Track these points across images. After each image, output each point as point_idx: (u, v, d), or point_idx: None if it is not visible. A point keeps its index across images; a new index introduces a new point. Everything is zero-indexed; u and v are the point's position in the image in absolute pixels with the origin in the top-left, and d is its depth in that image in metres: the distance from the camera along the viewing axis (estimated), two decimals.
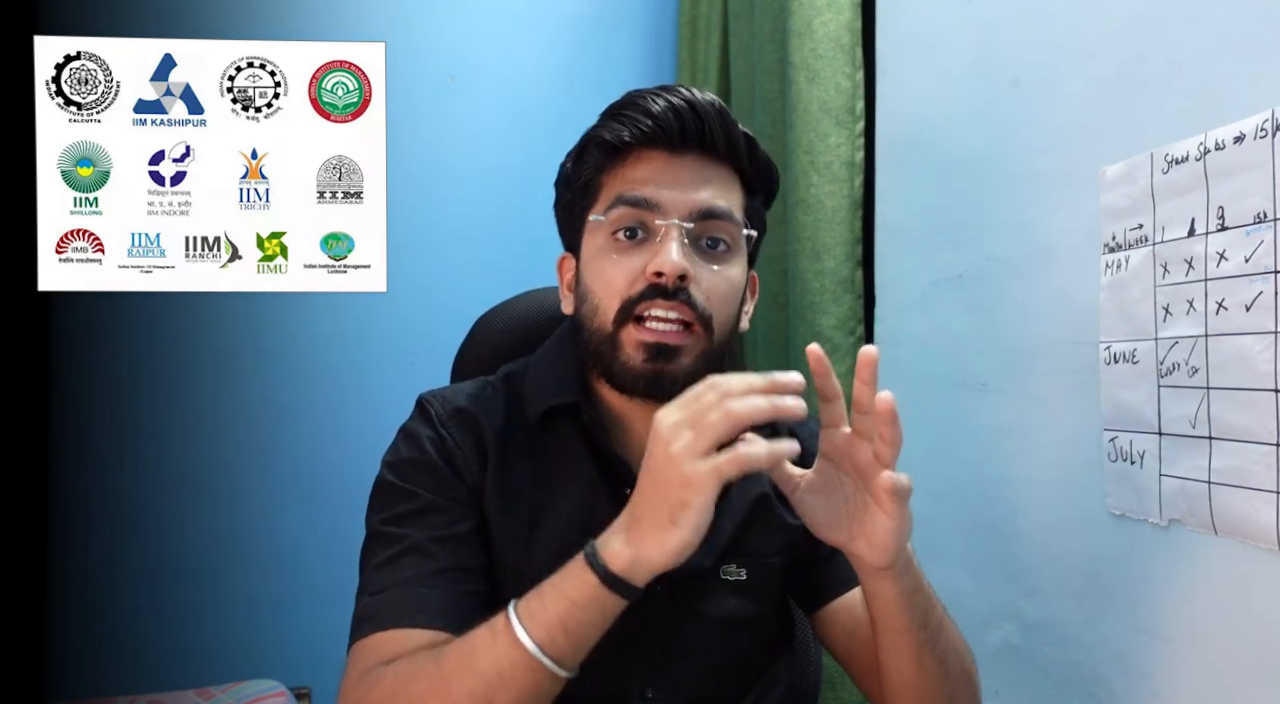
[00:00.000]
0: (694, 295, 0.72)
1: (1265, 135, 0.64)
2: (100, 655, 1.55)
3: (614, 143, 0.75)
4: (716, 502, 0.78)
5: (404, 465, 0.77)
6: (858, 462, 0.65)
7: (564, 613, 0.60)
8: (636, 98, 0.76)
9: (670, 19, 1.93)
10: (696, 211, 0.74)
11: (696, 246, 0.74)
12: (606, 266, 0.75)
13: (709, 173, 0.76)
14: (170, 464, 1.60)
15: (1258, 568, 0.67)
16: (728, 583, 0.79)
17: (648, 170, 0.75)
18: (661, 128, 0.73)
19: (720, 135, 0.75)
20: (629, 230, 0.74)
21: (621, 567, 0.59)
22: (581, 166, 0.78)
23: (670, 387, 0.73)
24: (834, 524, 0.66)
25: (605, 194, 0.76)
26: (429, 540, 0.72)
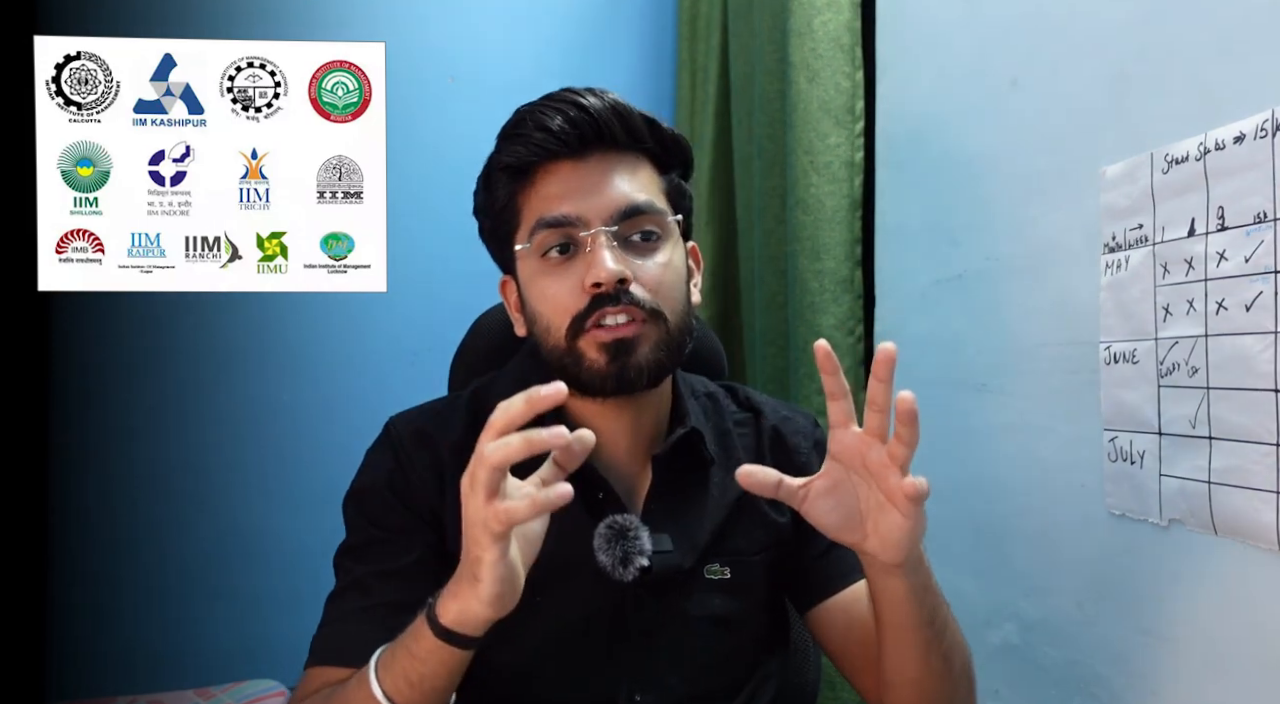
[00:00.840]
0: (637, 294, 0.73)
1: (1265, 135, 0.64)
2: (100, 655, 1.55)
3: (518, 165, 0.76)
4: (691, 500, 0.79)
5: (359, 496, 0.79)
6: (870, 461, 0.64)
7: (408, 667, 0.62)
8: (528, 114, 0.76)
9: (670, 19, 1.93)
10: (617, 212, 0.73)
11: (627, 245, 0.74)
12: (547, 288, 0.75)
13: (618, 167, 0.76)
14: (170, 464, 1.60)
15: (1258, 568, 0.67)
16: (711, 582, 0.79)
17: (558, 185, 0.75)
18: (561, 140, 0.74)
19: (619, 129, 0.75)
20: (558, 248, 0.74)
21: (450, 620, 0.60)
22: (493, 194, 0.79)
23: (639, 377, 0.73)
24: (847, 525, 0.65)
25: (525, 217, 0.76)
26: (369, 575, 0.74)
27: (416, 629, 0.62)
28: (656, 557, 0.75)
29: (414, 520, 0.76)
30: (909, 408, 0.60)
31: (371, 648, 0.68)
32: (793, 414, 0.90)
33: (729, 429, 0.86)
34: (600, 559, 0.74)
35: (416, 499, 0.77)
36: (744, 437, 0.87)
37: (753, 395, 0.91)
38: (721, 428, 0.86)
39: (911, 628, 0.69)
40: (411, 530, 0.76)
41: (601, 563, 0.74)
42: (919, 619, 0.69)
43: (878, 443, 0.64)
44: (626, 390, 0.74)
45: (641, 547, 0.74)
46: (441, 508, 0.76)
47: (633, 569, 0.74)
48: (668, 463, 0.79)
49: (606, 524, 0.75)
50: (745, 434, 0.87)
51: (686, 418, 0.81)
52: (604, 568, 0.74)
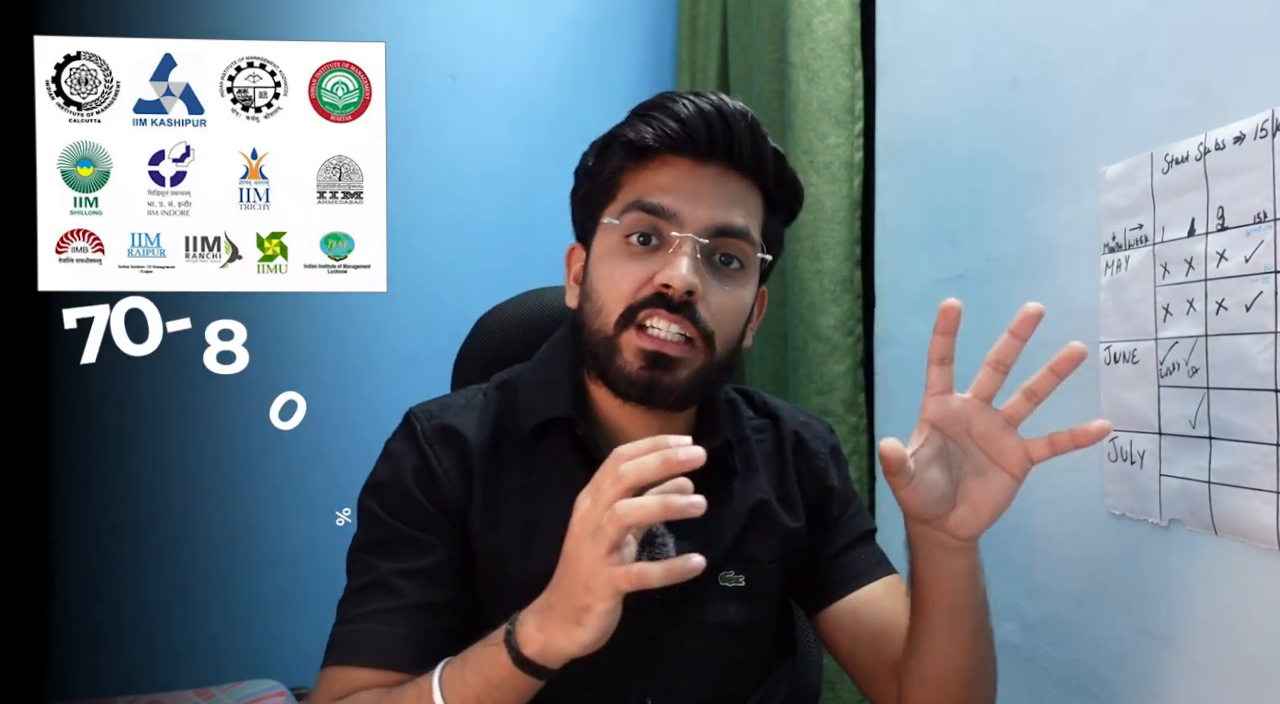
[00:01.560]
0: (699, 311, 0.71)
1: (1265, 135, 0.64)
2: (100, 655, 1.55)
3: (638, 144, 0.73)
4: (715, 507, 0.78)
5: (380, 489, 0.77)
6: (977, 426, 0.63)
7: (480, 690, 0.61)
8: (667, 100, 0.74)
9: (670, 19, 1.94)
10: (714, 227, 0.72)
11: (709, 262, 0.73)
12: (615, 269, 0.73)
13: (732, 187, 0.74)
14: (170, 464, 1.60)
15: (1258, 568, 0.67)
16: (726, 590, 0.78)
17: (669, 177, 0.73)
18: (689, 134, 0.72)
19: (748, 148, 0.73)
20: (642, 236, 0.72)
21: (534, 651, 0.59)
22: (603, 163, 0.76)
23: (665, 397, 0.72)
24: (942, 498, 0.64)
25: (624, 195, 0.74)
26: (395, 574, 0.72)
27: (493, 654, 0.61)
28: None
29: (440, 518, 0.74)
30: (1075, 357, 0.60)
31: (403, 649, 0.67)
32: (809, 419, 0.90)
33: (747, 436, 0.85)
34: None
35: (443, 497, 0.75)
36: (763, 443, 0.86)
37: (768, 400, 0.90)
38: (741, 435, 0.85)
39: (967, 609, 0.68)
40: (437, 528, 0.74)
41: None
42: (974, 599, 0.68)
43: (987, 406, 0.62)
44: (649, 403, 0.73)
45: (669, 554, 0.73)
46: (468, 507, 0.75)
47: None
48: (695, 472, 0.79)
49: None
50: (764, 440, 0.86)
51: (721, 429, 0.80)
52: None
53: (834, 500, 0.85)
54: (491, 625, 0.72)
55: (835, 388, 1.29)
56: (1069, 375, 0.61)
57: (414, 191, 1.69)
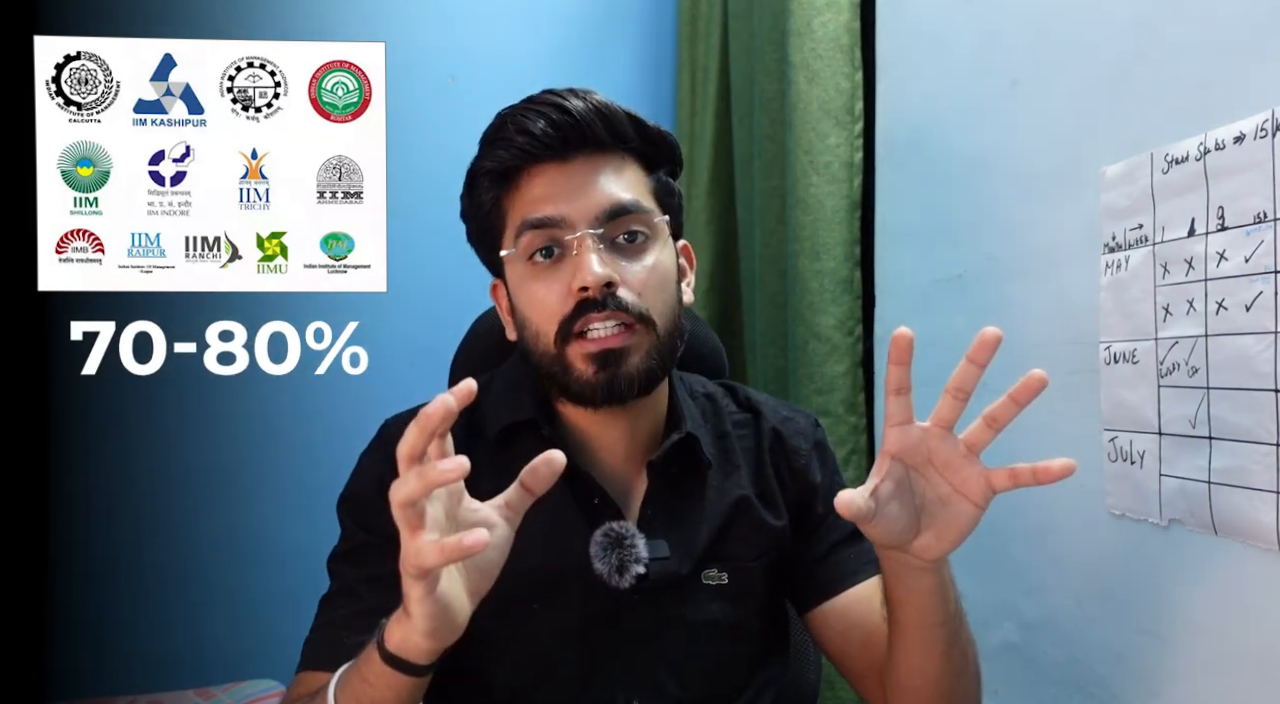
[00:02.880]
0: (624, 298, 0.71)
1: (1265, 135, 0.64)
2: (100, 655, 1.55)
3: (501, 170, 0.75)
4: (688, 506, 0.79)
5: (349, 500, 0.79)
6: (939, 455, 0.62)
7: (359, 690, 0.61)
8: (509, 119, 0.75)
9: (670, 19, 1.93)
10: (602, 214, 0.72)
11: (614, 247, 0.73)
12: (534, 292, 0.74)
13: (603, 168, 0.74)
14: (170, 464, 1.60)
15: (1258, 568, 0.67)
16: (709, 587, 0.78)
17: (542, 186, 0.74)
18: (544, 143, 0.73)
19: (601, 129, 0.74)
20: (544, 251, 0.73)
21: (394, 646, 0.59)
22: (477, 199, 0.78)
23: (629, 388, 0.73)
24: (906, 529, 0.63)
25: (510, 220, 0.76)
26: (358, 581, 0.75)
27: (368, 653, 0.61)
28: (653, 563, 0.75)
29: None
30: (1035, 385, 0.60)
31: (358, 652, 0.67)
32: (793, 414, 0.90)
33: (728, 431, 0.85)
34: (596, 567, 0.74)
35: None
36: (743, 439, 0.86)
37: (752, 395, 0.90)
38: (720, 430, 0.85)
39: (937, 625, 0.68)
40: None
41: (598, 570, 0.74)
42: (944, 615, 0.68)
43: (948, 434, 0.62)
44: (616, 401, 0.73)
45: (638, 554, 0.74)
46: None
47: (629, 577, 0.73)
48: (664, 468, 0.79)
49: (602, 532, 0.75)
50: (745, 435, 0.86)
51: (683, 421, 0.80)
52: (600, 575, 0.74)
53: (818, 498, 0.85)
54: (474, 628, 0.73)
55: (835, 388, 1.29)
56: (1029, 401, 0.61)
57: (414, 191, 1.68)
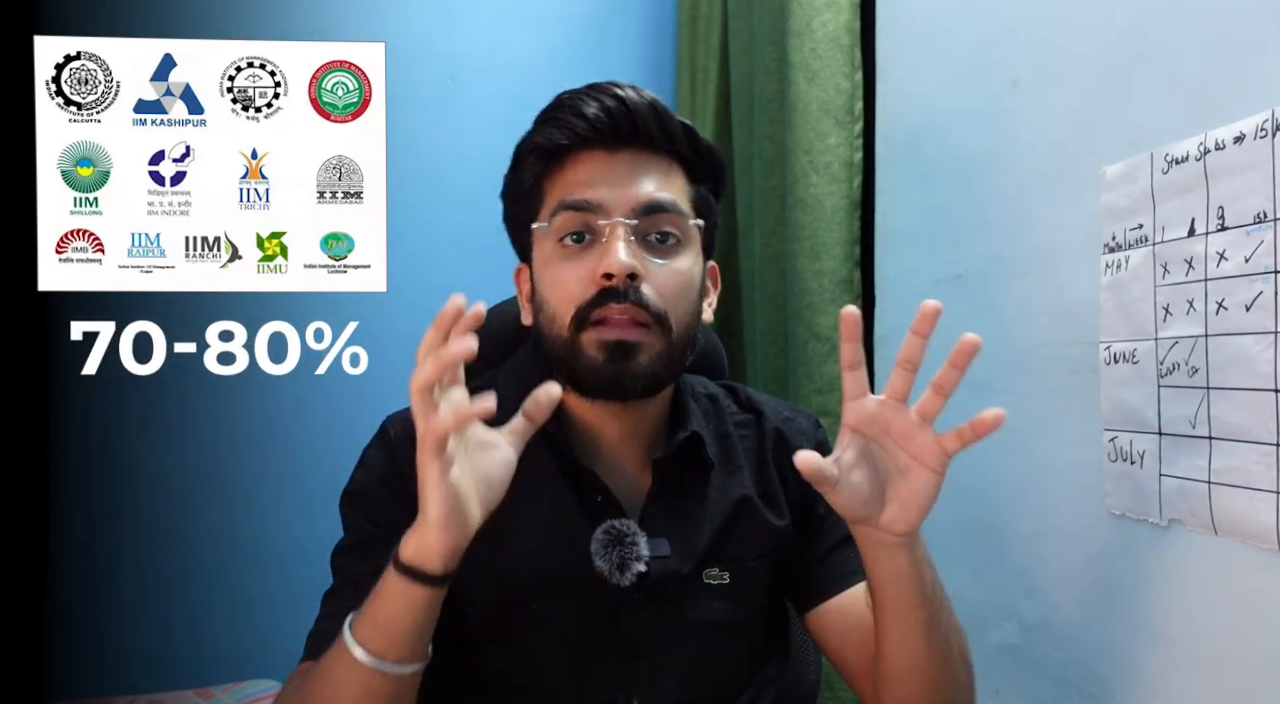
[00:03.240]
0: (645, 294, 0.72)
1: (1265, 135, 0.64)
2: (100, 655, 1.55)
3: (550, 148, 0.75)
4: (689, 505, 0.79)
5: (352, 495, 0.79)
6: (894, 426, 0.64)
7: (376, 610, 0.62)
8: (567, 100, 0.76)
9: (670, 19, 1.93)
10: (639, 207, 0.73)
11: (644, 243, 0.74)
12: (558, 274, 0.74)
13: (648, 166, 0.75)
14: (170, 464, 1.60)
15: (1258, 568, 0.67)
16: (710, 587, 0.78)
17: (586, 172, 0.74)
18: (596, 128, 0.73)
19: (655, 128, 0.74)
20: (575, 235, 0.74)
21: (409, 555, 0.60)
22: (520, 175, 0.78)
23: (632, 385, 0.73)
24: (870, 499, 0.65)
25: (548, 201, 0.76)
26: (364, 574, 0.73)
27: (385, 574, 0.62)
28: (654, 562, 0.75)
29: (408, 518, 0.76)
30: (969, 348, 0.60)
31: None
32: (794, 415, 0.90)
33: (729, 431, 0.85)
34: (597, 564, 0.74)
35: (413, 500, 0.76)
36: (745, 439, 0.86)
37: (753, 396, 0.90)
38: (722, 430, 0.85)
39: (916, 605, 0.68)
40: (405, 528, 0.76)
41: (599, 568, 0.74)
42: (922, 595, 0.68)
43: (902, 405, 0.64)
44: (619, 396, 0.74)
45: (639, 552, 0.74)
46: None
47: (630, 575, 0.73)
48: (668, 467, 0.79)
49: (604, 529, 0.75)
50: (747, 436, 0.86)
51: (688, 421, 0.80)
52: (601, 573, 0.74)
53: (820, 498, 0.85)
54: (469, 617, 0.74)
55: (834, 388, 1.29)
56: (969, 365, 0.62)
57: (414, 191, 1.68)
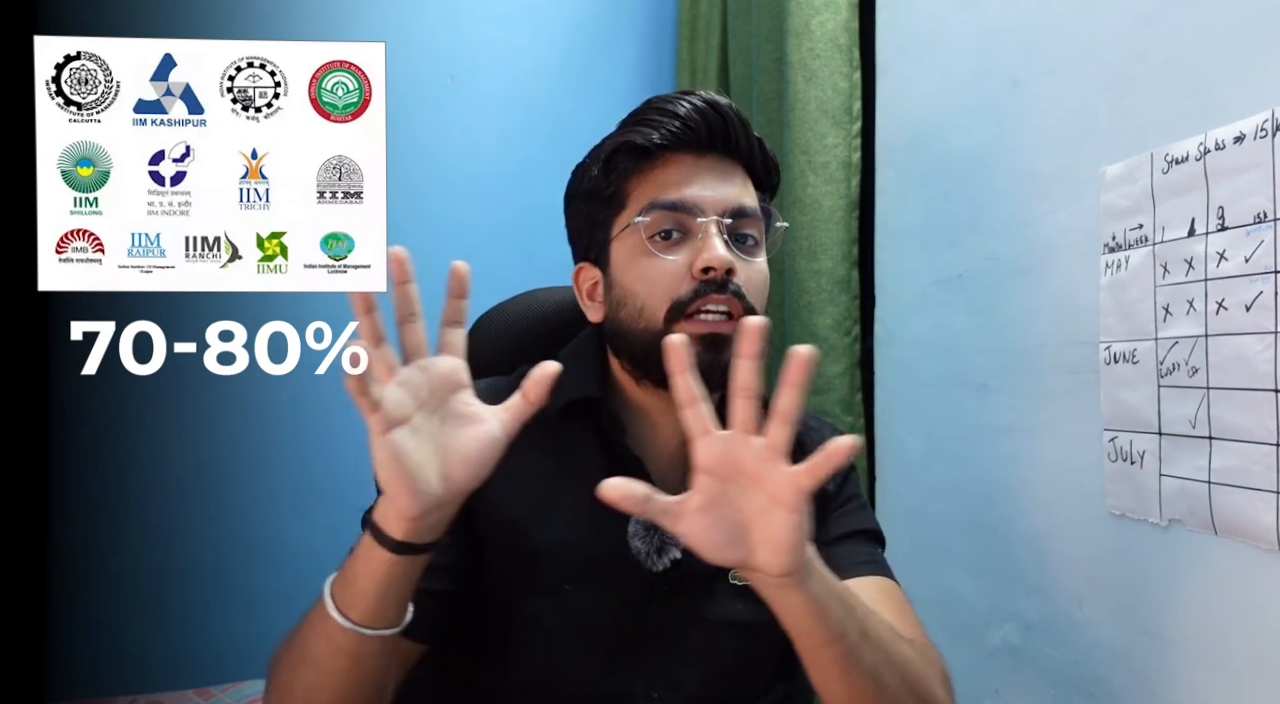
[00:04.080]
0: (741, 288, 0.75)
1: (1265, 135, 0.64)
2: (100, 655, 1.55)
3: (645, 146, 0.77)
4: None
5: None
6: (746, 464, 0.58)
7: (349, 566, 0.64)
8: (660, 102, 0.78)
9: (670, 19, 1.94)
10: (731, 209, 0.76)
11: (733, 241, 0.77)
12: (649, 269, 0.76)
13: (731, 172, 0.79)
14: (170, 464, 1.60)
15: (1258, 568, 0.67)
16: (734, 587, 0.79)
17: (678, 172, 0.77)
18: (690, 129, 0.76)
19: (741, 137, 0.78)
20: (664, 233, 0.76)
21: (377, 515, 0.62)
22: (606, 175, 0.79)
23: (721, 377, 0.71)
24: (728, 541, 0.59)
25: (634, 200, 0.78)
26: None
27: (361, 538, 0.64)
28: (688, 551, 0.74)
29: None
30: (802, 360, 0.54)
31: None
32: (818, 424, 0.90)
33: None
34: (635, 546, 0.74)
35: None
36: None
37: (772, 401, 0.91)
38: None
39: (821, 645, 0.63)
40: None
41: (635, 550, 0.74)
42: (828, 634, 0.63)
43: (751, 438, 0.58)
44: (712, 386, 0.70)
45: (677, 538, 0.73)
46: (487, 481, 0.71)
47: (666, 559, 0.74)
48: None
49: None
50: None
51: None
52: (637, 555, 0.74)
53: (826, 507, 0.85)
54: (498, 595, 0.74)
55: (832, 388, 1.29)
56: (805, 381, 0.56)
57: (414, 191, 1.69)
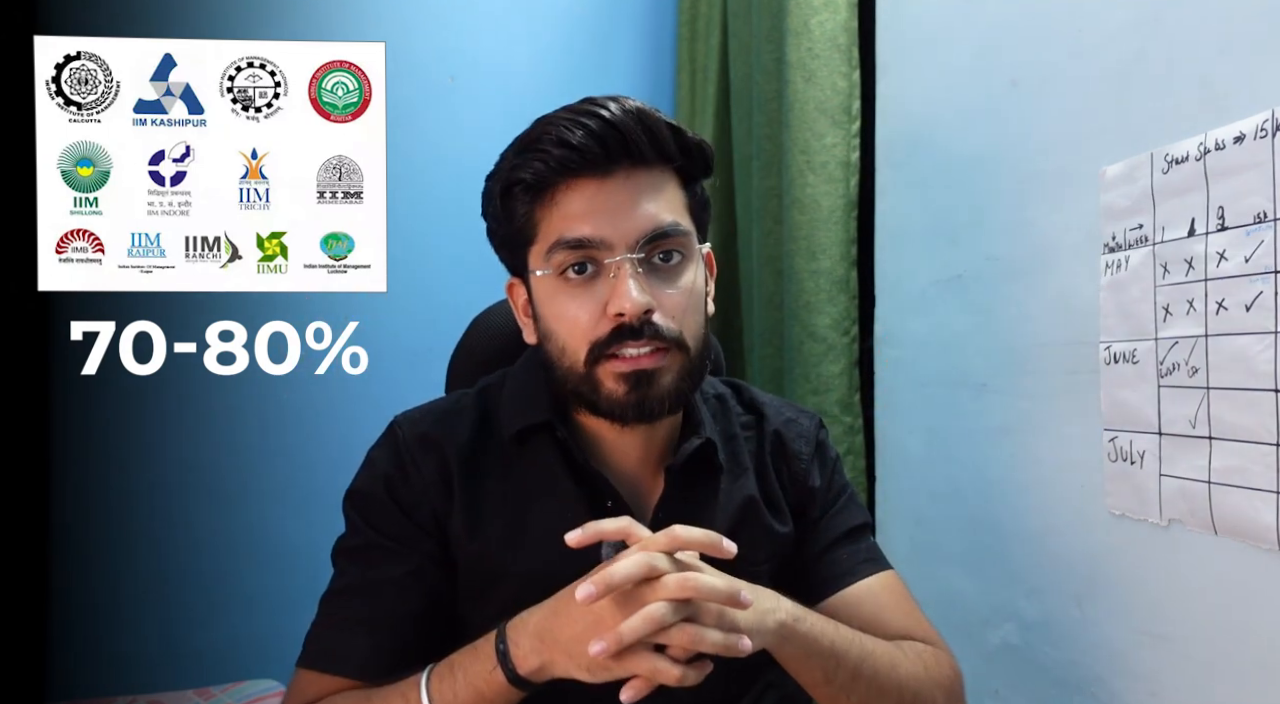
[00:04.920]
0: (660, 324, 0.70)
1: (1265, 135, 0.64)
2: (100, 655, 1.55)
3: (535, 183, 0.71)
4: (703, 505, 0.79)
5: (358, 496, 0.78)
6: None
7: (472, 701, 0.65)
8: (552, 128, 0.71)
9: (670, 19, 1.94)
10: (643, 236, 0.70)
11: (650, 267, 0.71)
12: (565, 309, 0.71)
13: (643, 185, 0.71)
14: (170, 464, 1.60)
15: (1258, 568, 0.67)
16: None
17: (580, 203, 0.70)
18: (585, 157, 0.69)
19: (645, 142, 0.70)
20: (578, 266, 0.71)
21: (528, 671, 0.63)
22: (510, 208, 0.75)
23: (658, 408, 0.72)
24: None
25: (543, 233, 0.72)
26: (367, 582, 0.74)
27: (485, 669, 0.65)
28: None
29: (413, 529, 0.75)
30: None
31: (373, 659, 0.70)
32: (796, 415, 0.89)
33: (736, 433, 0.85)
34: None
35: (418, 507, 0.76)
36: (749, 440, 0.85)
37: (756, 396, 0.90)
38: (729, 432, 0.85)
39: (813, 686, 0.71)
40: (410, 539, 0.75)
41: None
42: (814, 679, 0.70)
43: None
44: (646, 419, 0.73)
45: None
46: (447, 513, 0.75)
47: None
48: (679, 473, 0.78)
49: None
50: (750, 437, 0.86)
51: (701, 427, 0.80)
52: None
53: (815, 501, 0.85)
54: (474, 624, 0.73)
55: (831, 388, 1.29)
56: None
57: (414, 191, 1.68)
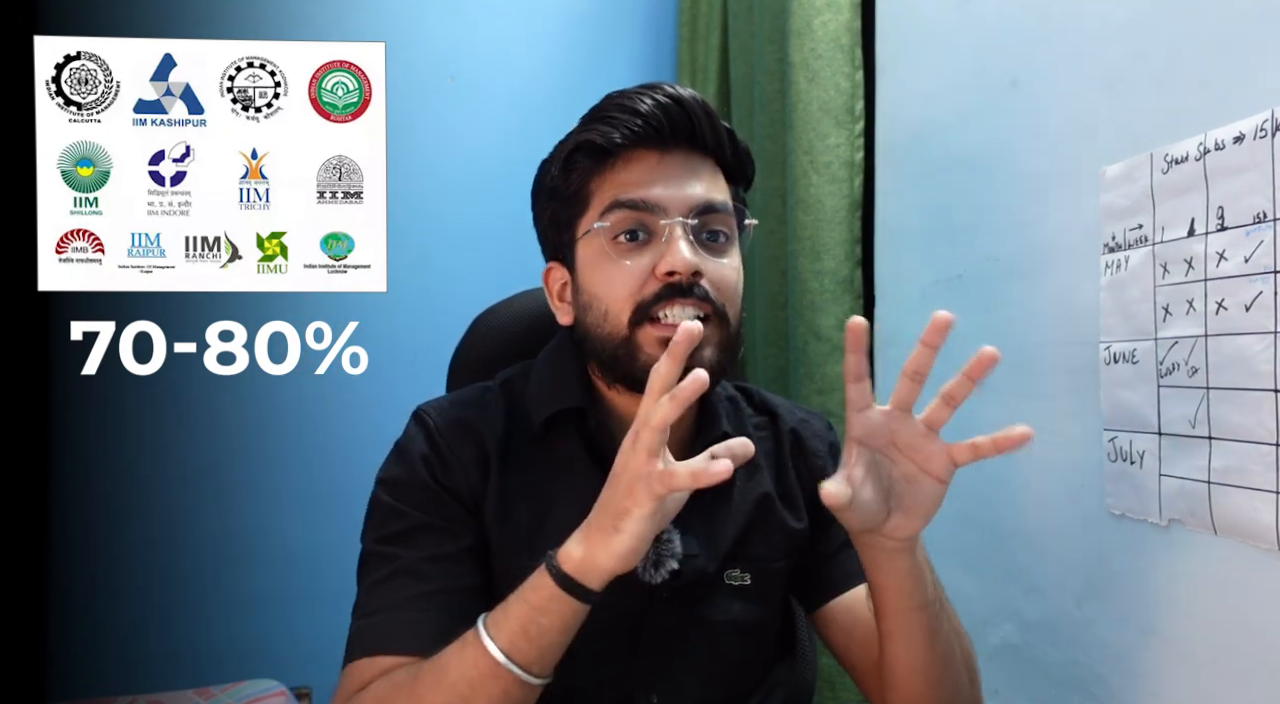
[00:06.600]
0: (708, 290, 0.73)
1: (1265, 135, 0.64)
2: (100, 655, 1.55)
3: (604, 146, 0.74)
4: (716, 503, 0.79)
5: (396, 484, 0.76)
6: (900, 437, 0.64)
7: (525, 618, 0.62)
8: (621, 99, 0.75)
9: (670, 19, 1.94)
10: (696, 207, 0.73)
11: (699, 241, 0.74)
12: (612, 271, 0.73)
13: (698, 167, 0.75)
14: (170, 464, 1.60)
15: (1258, 568, 0.67)
16: (732, 587, 0.78)
17: (640, 171, 0.74)
18: (652, 127, 0.73)
19: (707, 130, 0.75)
20: (629, 233, 0.73)
21: (573, 568, 0.61)
22: (567, 174, 0.77)
23: None
24: (877, 510, 0.65)
25: (597, 200, 0.75)
26: (420, 561, 0.72)
27: (535, 582, 0.63)
28: (685, 560, 0.75)
29: (459, 508, 0.75)
30: (987, 359, 0.63)
31: (436, 634, 0.67)
32: (808, 416, 0.90)
33: (750, 433, 0.85)
34: None
35: (460, 489, 0.76)
36: (763, 440, 0.86)
37: (767, 398, 0.91)
38: (743, 432, 0.84)
39: (916, 608, 0.69)
40: (457, 517, 0.75)
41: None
42: (923, 597, 0.69)
43: (908, 415, 0.64)
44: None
45: (674, 550, 0.73)
46: (484, 497, 0.76)
47: (664, 571, 0.73)
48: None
49: None
50: (764, 438, 0.86)
51: (718, 420, 0.80)
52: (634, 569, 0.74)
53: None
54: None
55: (836, 388, 1.29)
56: (983, 377, 0.63)
57: (414, 191, 1.69)
